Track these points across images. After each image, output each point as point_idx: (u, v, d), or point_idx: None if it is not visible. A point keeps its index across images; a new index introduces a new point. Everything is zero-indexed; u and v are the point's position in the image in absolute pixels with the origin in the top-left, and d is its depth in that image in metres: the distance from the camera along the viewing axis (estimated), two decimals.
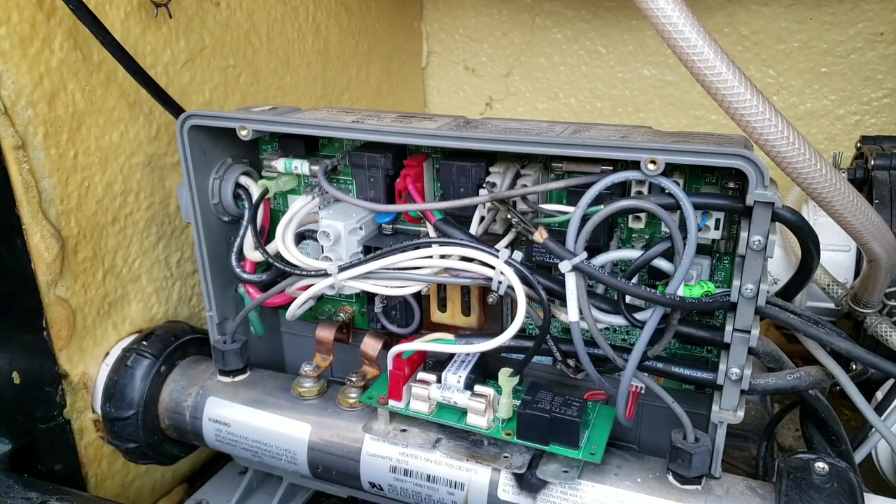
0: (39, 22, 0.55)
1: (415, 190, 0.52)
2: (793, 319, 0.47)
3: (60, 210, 0.58)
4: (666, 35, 0.39)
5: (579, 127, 0.51)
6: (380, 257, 0.51)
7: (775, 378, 0.48)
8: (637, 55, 1.11)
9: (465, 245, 0.49)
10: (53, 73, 0.56)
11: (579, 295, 0.46)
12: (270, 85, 0.83)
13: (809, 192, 0.42)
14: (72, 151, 0.59)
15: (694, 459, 0.46)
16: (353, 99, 1.02)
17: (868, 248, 0.46)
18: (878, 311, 0.60)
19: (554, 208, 0.49)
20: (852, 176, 0.72)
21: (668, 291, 0.45)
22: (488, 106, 1.23)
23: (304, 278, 0.55)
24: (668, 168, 0.44)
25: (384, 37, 1.09)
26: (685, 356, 0.54)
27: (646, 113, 1.14)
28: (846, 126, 1.05)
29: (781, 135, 0.39)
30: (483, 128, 0.51)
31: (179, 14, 0.67)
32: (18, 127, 0.54)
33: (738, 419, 0.46)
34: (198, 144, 0.56)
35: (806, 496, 0.45)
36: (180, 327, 0.66)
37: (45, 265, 0.57)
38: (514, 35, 1.17)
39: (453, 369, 0.53)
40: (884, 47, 0.99)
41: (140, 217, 0.66)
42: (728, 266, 0.50)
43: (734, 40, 1.05)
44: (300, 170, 0.57)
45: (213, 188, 0.58)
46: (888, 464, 0.61)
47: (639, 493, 0.48)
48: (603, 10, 1.11)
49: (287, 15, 0.85)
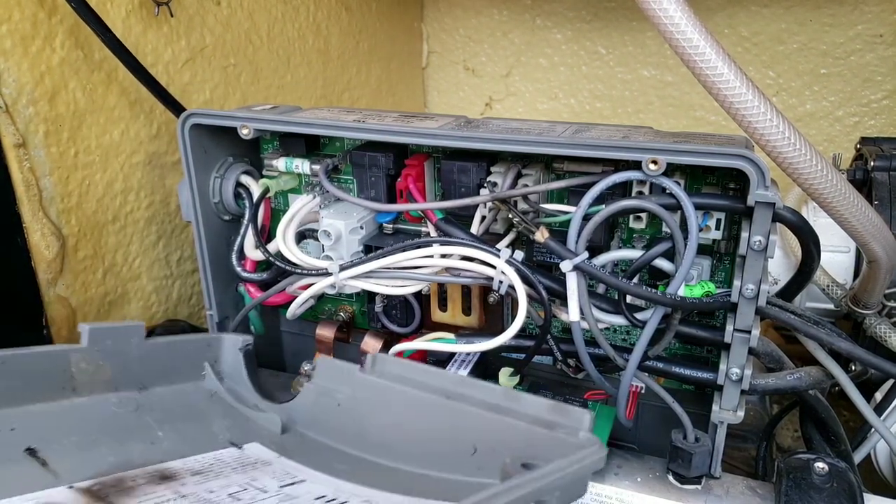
0: (41, 20, 0.55)
1: (416, 189, 0.52)
2: (793, 320, 0.47)
3: (61, 208, 0.58)
4: (668, 35, 0.39)
5: (580, 127, 0.51)
6: (381, 256, 0.51)
7: (775, 378, 0.48)
8: (637, 56, 1.11)
9: (466, 244, 0.49)
10: (54, 72, 0.56)
11: (580, 294, 0.46)
12: (271, 84, 0.83)
13: (810, 193, 0.42)
14: (72, 150, 0.59)
15: (694, 459, 0.46)
16: (353, 98, 1.02)
17: (868, 248, 0.46)
18: (878, 312, 0.60)
19: (555, 208, 0.49)
20: (852, 177, 0.72)
21: (669, 291, 0.45)
22: (488, 106, 1.23)
23: (305, 277, 0.55)
24: (670, 168, 0.44)
25: (384, 37, 1.09)
26: (685, 356, 0.54)
27: (646, 114, 1.14)
28: (845, 127, 1.05)
29: (783, 135, 0.40)
30: (484, 128, 0.51)
31: (180, 13, 0.68)
32: (19, 125, 0.54)
33: (738, 419, 0.46)
34: (199, 143, 0.56)
35: (806, 496, 0.45)
36: (180, 326, 0.66)
37: (45, 263, 0.57)
38: (514, 35, 1.17)
39: (454, 368, 0.53)
40: (883, 49, 0.99)
41: (140, 216, 0.66)
42: (728, 266, 0.50)
43: (734, 41, 1.05)
44: (301, 169, 0.57)
45: (214, 187, 0.58)
46: (887, 464, 0.61)
47: (639, 493, 0.48)
48: (603, 10, 1.11)
49: (288, 14, 0.85)
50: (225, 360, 0.53)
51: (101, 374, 0.45)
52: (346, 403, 0.47)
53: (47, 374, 0.43)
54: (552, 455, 0.35)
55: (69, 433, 0.42)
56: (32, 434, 0.40)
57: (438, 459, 0.43)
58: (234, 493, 0.39)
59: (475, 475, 0.41)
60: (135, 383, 0.47)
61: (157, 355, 0.48)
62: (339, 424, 0.47)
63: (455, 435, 0.42)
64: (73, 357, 0.44)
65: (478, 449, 0.41)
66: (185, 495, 0.38)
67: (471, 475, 0.42)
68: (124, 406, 0.46)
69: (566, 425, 0.39)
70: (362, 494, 0.41)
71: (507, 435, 0.40)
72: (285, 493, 0.40)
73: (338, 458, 0.46)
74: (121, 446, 0.43)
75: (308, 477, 0.43)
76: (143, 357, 0.48)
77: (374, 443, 0.46)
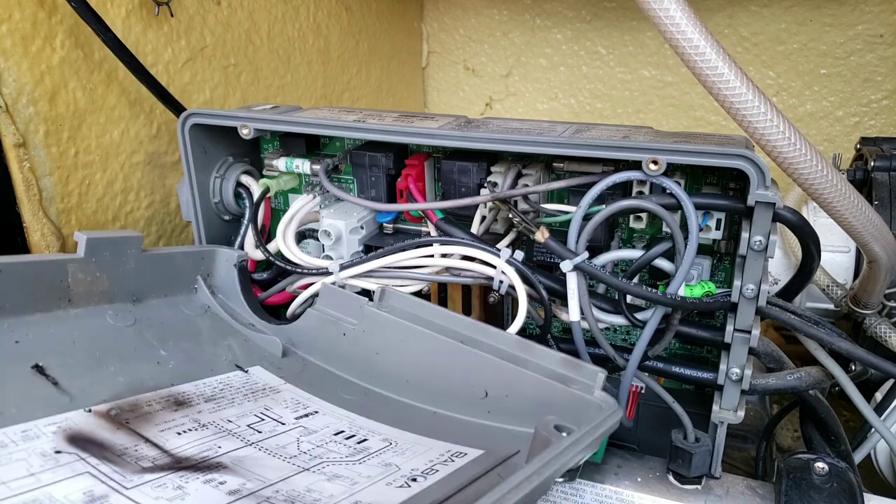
0: (41, 20, 0.55)
1: (416, 189, 0.52)
2: (793, 320, 0.47)
3: (61, 208, 0.58)
4: (668, 35, 0.39)
5: (581, 127, 0.51)
6: (381, 256, 0.51)
7: (775, 378, 0.48)
8: (637, 56, 1.11)
9: (466, 244, 0.49)
10: (55, 71, 0.56)
11: (580, 294, 0.46)
12: (271, 84, 0.83)
13: (810, 193, 0.42)
14: (73, 149, 0.59)
15: (694, 459, 0.46)
16: (353, 98, 1.02)
17: (868, 248, 0.46)
18: (878, 312, 0.60)
19: (555, 208, 0.49)
20: (852, 177, 0.72)
21: (669, 291, 0.45)
22: (488, 106, 1.23)
23: (305, 277, 0.55)
24: (670, 168, 0.44)
25: (384, 37, 1.09)
26: (685, 356, 0.54)
27: (646, 114, 1.14)
28: (845, 128, 1.05)
29: (783, 135, 0.40)
30: (485, 127, 0.51)
31: (181, 13, 0.68)
32: (19, 125, 0.54)
33: (738, 419, 0.46)
34: (199, 143, 0.56)
35: (806, 496, 0.45)
36: None
37: None
38: (514, 35, 1.18)
39: None
40: (883, 49, 0.99)
41: (140, 216, 0.66)
42: (729, 266, 0.50)
43: (734, 41, 1.05)
44: (301, 169, 0.57)
45: (214, 187, 0.58)
46: (887, 464, 0.61)
47: (639, 493, 0.48)
48: (603, 10, 1.11)
49: (288, 14, 0.85)
50: (218, 274, 0.53)
51: (98, 286, 0.45)
52: (352, 334, 0.48)
53: (44, 283, 0.43)
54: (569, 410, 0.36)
55: (73, 350, 0.42)
56: (37, 348, 0.41)
57: (448, 399, 0.44)
58: (253, 425, 0.39)
59: (485, 418, 0.42)
60: (129, 296, 0.47)
61: (152, 267, 0.49)
62: (345, 354, 0.48)
63: (466, 378, 0.43)
64: (70, 267, 0.44)
65: (489, 393, 0.42)
66: (205, 424, 0.39)
67: (481, 417, 0.43)
68: (121, 320, 0.46)
69: (580, 381, 0.40)
70: (379, 431, 0.41)
71: (520, 384, 0.41)
72: (303, 425, 0.41)
73: (344, 387, 0.47)
74: (128, 367, 0.43)
75: (320, 408, 0.43)
76: (139, 269, 0.48)
77: (381, 375, 0.46)
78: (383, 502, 0.33)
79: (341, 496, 0.33)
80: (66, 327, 0.43)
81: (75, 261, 0.44)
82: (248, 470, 0.35)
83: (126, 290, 0.47)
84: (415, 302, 0.47)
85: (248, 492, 0.33)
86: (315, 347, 0.50)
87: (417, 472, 0.36)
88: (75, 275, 0.44)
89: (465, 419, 0.43)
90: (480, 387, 0.43)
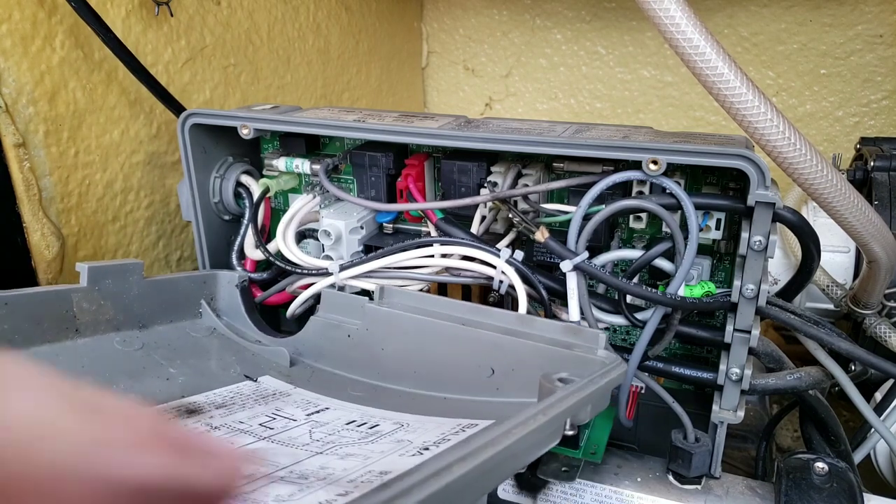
0: (41, 20, 0.55)
1: (416, 189, 0.52)
2: (793, 320, 0.47)
3: (61, 208, 0.58)
4: (668, 35, 0.39)
5: (581, 127, 0.51)
6: (381, 256, 0.51)
7: (775, 378, 0.48)
8: (637, 56, 1.11)
9: (466, 244, 0.49)
10: (54, 71, 0.56)
11: (580, 294, 0.46)
12: (271, 84, 0.83)
13: (810, 193, 0.42)
14: (72, 149, 0.59)
15: (694, 459, 0.46)
16: (353, 98, 1.02)
17: (868, 248, 0.46)
18: (878, 312, 0.60)
19: (555, 208, 0.49)
20: (851, 177, 0.72)
21: (669, 291, 0.45)
22: (488, 106, 1.23)
23: (305, 277, 0.55)
24: (670, 168, 0.44)
25: (384, 37, 1.09)
26: (685, 356, 0.54)
27: (645, 114, 1.14)
28: (845, 128, 1.05)
29: (783, 135, 0.40)
30: (485, 127, 0.51)
31: (180, 13, 0.67)
32: (19, 125, 0.54)
33: (738, 419, 0.46)
34: (199, 143, 0.56)
35: (805, 496, 0.45)
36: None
37: (45, 263, 0.57)
38: (513, 35, 1.18)
39: None
40: (883, 49, 0.99)
41: (140, 215, 0.66)
42: (729, 266, 0.50)
43: (734, 41, 1.05)
44: (301, 169, 0.57)
45: (214, 187, 0.58)
46: (887, 464, 0.61)
47: (639, 493, 0.48)
48: (603, 10, 1.11)
49: (288, 14, 0.85)
50: (221, 297, 0.54)
51: (103, 314, 0.46)
52: (356, 335, 0.48)
53: (51, 314, 0.43)
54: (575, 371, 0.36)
55: (82, 373, 0.42)
56: None
57: (456, 383, 0.44)
58: (265, 423, 0.40)
59: (495, 395, 0.43)
60: (135, 322, 0.48)
61: (155, 293, 0.49)
62: (351, 355, 0.48)
63: (472, 359, 0.43)
64: (75, 297, 0.45)
65: (495, 371, 0.42)
66: (218, 427, 0.39)
67: (491, 395, 0.43)
68: (129, 345, 0.46)
69: (582, 345, 0.40)
70: (390, 417, 0.41)
71: (525, 356, 0.42)
72: (314, 420, 0.41)
73: (353, 386, 0.47)
74: (138, 383, 0.43)
75: (330, 405, 0.44)
76: (142, 295, 0.48)
77: (389, 370, 0.47)
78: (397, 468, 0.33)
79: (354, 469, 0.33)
80: (74, 355, 0.44)
81: (79, 290, 0.45)
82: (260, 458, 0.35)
83: (132, 317, 0.48)
84: (414, 295, 0.48)
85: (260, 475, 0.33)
86: (321, 353, 0.50)
87: (430, 442, 0.36)
88: (80, 304, 0.45)
89: (475, 399, 0.43)
90: (486, 366, 0.43)
